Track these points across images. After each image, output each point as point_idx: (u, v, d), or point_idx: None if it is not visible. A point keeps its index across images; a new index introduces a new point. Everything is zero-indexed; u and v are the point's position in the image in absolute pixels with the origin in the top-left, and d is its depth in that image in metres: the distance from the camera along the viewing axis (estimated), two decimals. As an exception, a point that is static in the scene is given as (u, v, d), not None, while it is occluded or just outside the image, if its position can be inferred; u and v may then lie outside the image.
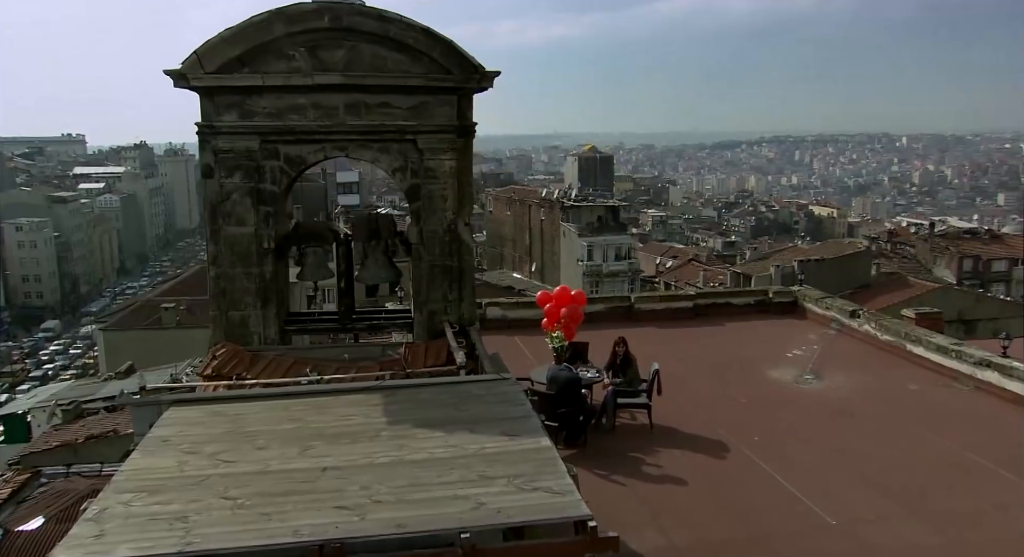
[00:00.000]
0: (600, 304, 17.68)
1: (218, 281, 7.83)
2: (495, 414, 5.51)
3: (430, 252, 8.02)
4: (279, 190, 7.82)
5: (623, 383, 11.41)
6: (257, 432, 5.30)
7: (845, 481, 9.60)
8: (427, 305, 8.11)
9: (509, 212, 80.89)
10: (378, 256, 8.11)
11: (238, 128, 7.53)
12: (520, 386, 5.89)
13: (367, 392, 6.05)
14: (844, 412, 11.96)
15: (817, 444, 10.77)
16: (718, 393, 12.89)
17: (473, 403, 5.76)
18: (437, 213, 7.96)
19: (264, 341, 7.97)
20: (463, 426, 5.26)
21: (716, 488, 9.54)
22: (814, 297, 17.51)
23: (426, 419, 5.45)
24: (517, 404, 5.58)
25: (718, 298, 18.31)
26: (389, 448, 4.97)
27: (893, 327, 14.93)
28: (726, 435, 11.03)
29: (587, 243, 67.14)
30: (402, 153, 7.90)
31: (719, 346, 15.71)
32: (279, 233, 8.03)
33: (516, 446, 4.93)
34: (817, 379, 13.48)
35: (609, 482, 9.74)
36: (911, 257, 66.74)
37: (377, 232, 8.11)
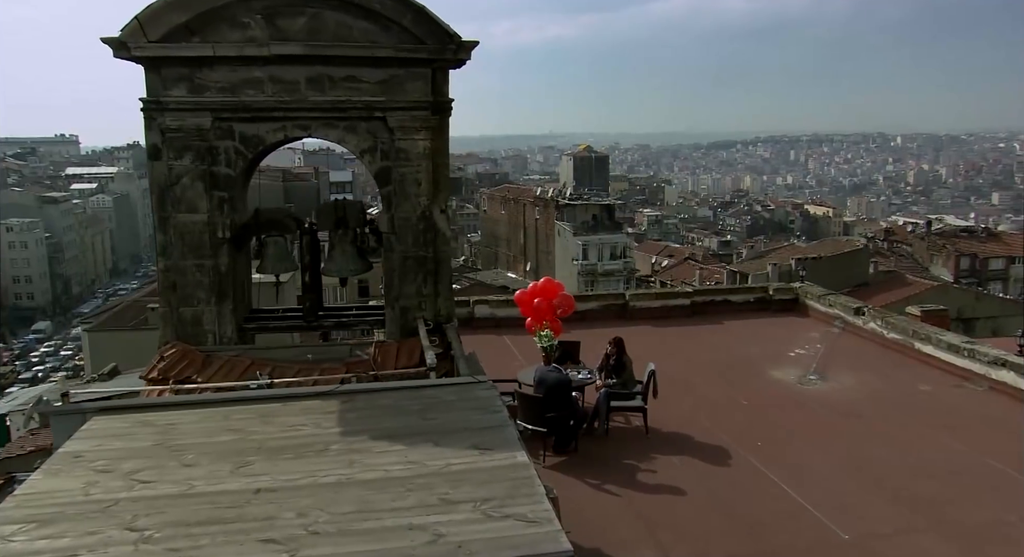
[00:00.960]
0: (593, 302, 16.96)
1: (167, 274, 7.08)
2: (466, 423, 4.76)
3: (402, 242, 7.28)
4: (235, 173, 7.07)
5: (617, 385, 10.68)
6: (188, 445, 4.55)
7: (856, 490, 8.87)
8: (399, 300, 7.37)
9: (504, 211, 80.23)
10: (345, 247, 7.37)
11: (187, 104, 6.78)
12: (496, 390, 5.12)
13: (322, 398, 5.30)
14: (852, 414, 11.24)
15: (825, 449, 10.04)
16: (718, 395, 12.16)
17: (441, 410, 5.02)
18: (410, 199, 7.22)
19: (220, 340, 7.23)
20: (427, 438, 4.51)
21: (718, 499, 8.80)
22: (816, 294, 16.79)
23: (385, 430, 4.71)
24: (492, 411, 4.83)
25: (716, 296, 17.58)
26: (338, 465, 4.22)
27: (900, 325, 14.21)
28: (727, 440, 10.30)
29: (582, 242, 66.51)
30: (371, 132, 7.16)
31: (718, 345, 14.98)
32: (236, 221, 7.29)
33: (487, 462, 4.18)
34: (822, 380, 12.75)
35: (601, 492, 9.00)
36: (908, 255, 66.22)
37: (344, 220, 7.37)
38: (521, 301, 12.21)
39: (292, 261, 7.50)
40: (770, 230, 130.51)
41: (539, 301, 12.02)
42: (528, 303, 12.05)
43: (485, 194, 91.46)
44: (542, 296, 12.24)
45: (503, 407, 4.91)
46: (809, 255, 48.76)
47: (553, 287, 12.14)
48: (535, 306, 11.97)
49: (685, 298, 17.16)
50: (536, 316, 11.82)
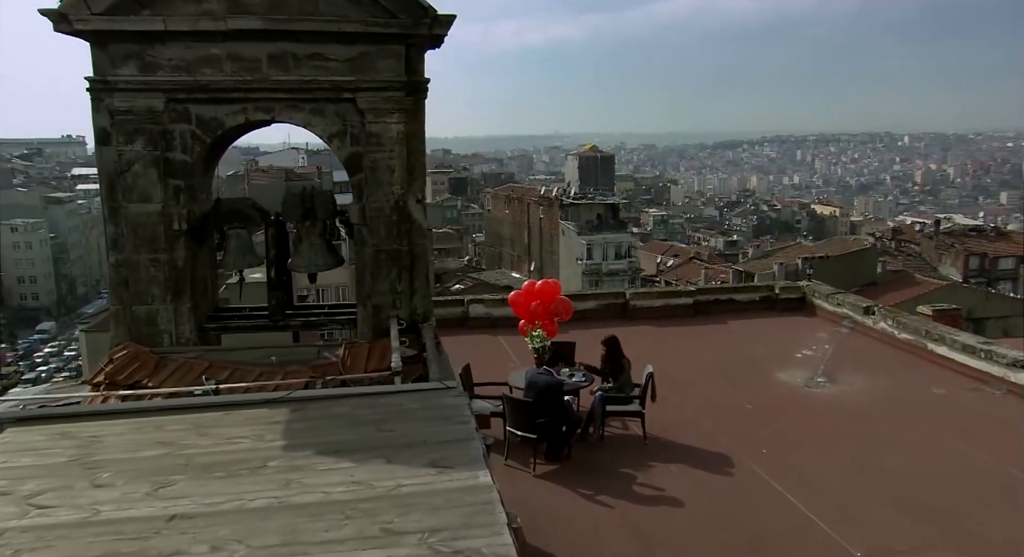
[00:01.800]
0: (592, 301, 16.36)
1: (119, 269, 6.51)
2: (426, 436, 4.18)
3: (375, 234, 6.69)
4: (192, 160, 6.50)
5: (613, 388, 10.08)
6: (106, 462, 3.98)
7: (869, 502, 8.25)
8: (372, 298, 6.79)
9: (508, 211, 79.63)
10: (313, 239, 6.80)
11: (138, 84, 6.21)
12: (465, 399, 4.54)
13: (271, 406, 4.72)
14: (862, 419, 10.62)
15: (834, 457, 9.43)
16: (721, 398, 11.55)
17: (401, 420, 4.44)
18: (383, 187, 6.64)
19: (177, 341, 6.66)
20: (379, 453, 3.94)
21: (719, 510, 8.20)
22: (824, 293, 16.15)
23: (334, 443, 4.13)
24: (457, 422, 4.25)
25: (720, 295, 16.96)
26: (272, 485, 3.64)
27: (912, 324, 13.58)
28: (730, 447, 9.70)
29: (586, 241, 65.88)
30: (340, 115, 6.58)
31: (721, 346, 14.37)
32: (195, 212, 6.72)
33: (444, 483, 3.60)
34: (830, 382, 12.13)
35: (595, 504, 8.41)
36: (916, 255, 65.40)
37: (312, 211, 6.79)
38: (515, 303, 11.64)
39: (256, 255, 6.94)
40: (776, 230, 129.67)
41: (536, 305, 11.47)
42: (524, 306, 11.48)
43: (489, 193, 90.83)
44: (540, 299, 11.69)
45: (471, 417, 4.32)
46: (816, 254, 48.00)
47: (552, 290, 11.58)
48: (531, 310, 11.40)
49: (688, 297, 16.55)
50: (531, 319, 11.26)
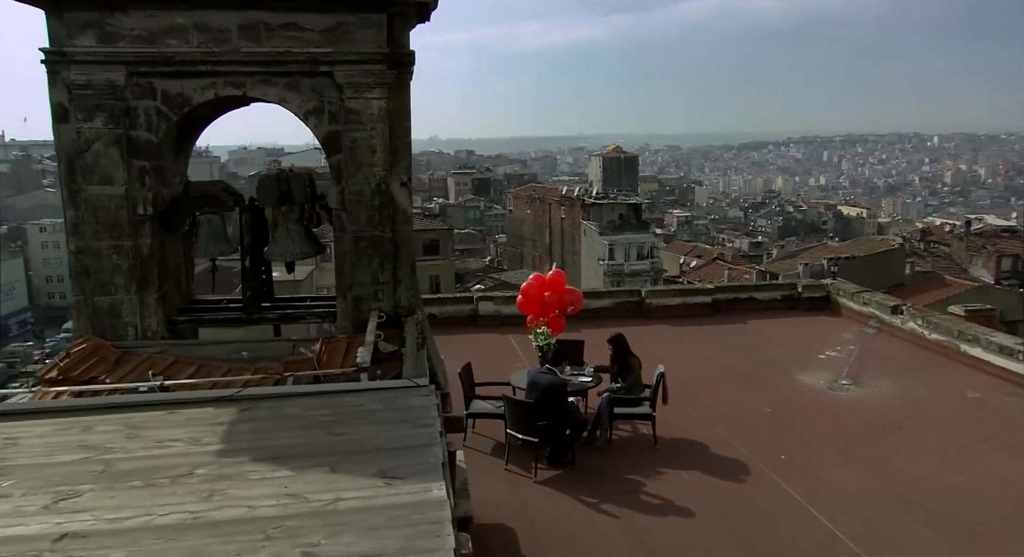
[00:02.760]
0: (607, 299, 15.76)
1: (80, 257, 6.04)
2: (381, 441, 3.64)
3: (354, 220, 6.16)
4: (158, 139, 6.01)
5: (621, 389, 9.49)
6: (14, 468, 3.47)
7: (898, 516, 7.60)
8: (352, 289, 6.26)
9: (529, 211, 79.00)
10: (290, 226, 6.28)
11: (97, 55, 5.73)
12: (435, 399, 3.99)
13: (218, 405, 4.20)
14: (890, 425, 9.94)
15: (859, 465, 8.77)
16: (738, 401, 10.91)
17: (357, 423, 3.90)
18: (363, 169, 6.11)
19: (143, 334, 6.18)
20: (324, 460, 3.40)
21: (732, 522, 7.59)
22: (849, 291, 15.42)
23: (276, 448, 3.60)
24: (420, 425, 3.70)
25: (740, 293, 16.26)
26: (191, 497, 3.11)
27: (944, 324, 12.84)
28: (746, 453, 9.07)
29: (608, 242, 65.07)
30: (316, 90, 6.07)
31: (741, 347, 13.70)
32: (164, 197, 6.24)
33: (389, 497, 3.05)
34: (856, 385, 11.44)
35: (598, 513, 7.82)
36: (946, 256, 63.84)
37: (288, 195, 6.28)
38: (527, 294, 11.11)
39: (229, 242, 6.44)
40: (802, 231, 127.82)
41: (550, 295, 10.96)
42: (536, 297, 10.97)
43: (511, 194, 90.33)
44: (553, 290, 11.19)
45: (436, 420, 3.77)
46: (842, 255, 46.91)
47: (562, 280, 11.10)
48: (545, 300, 10.88)
49: (706, 296, 15.88)
50: (544, 311, 10.74)
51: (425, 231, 62.93)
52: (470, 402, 9.54)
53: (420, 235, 62.18)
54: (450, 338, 14.05)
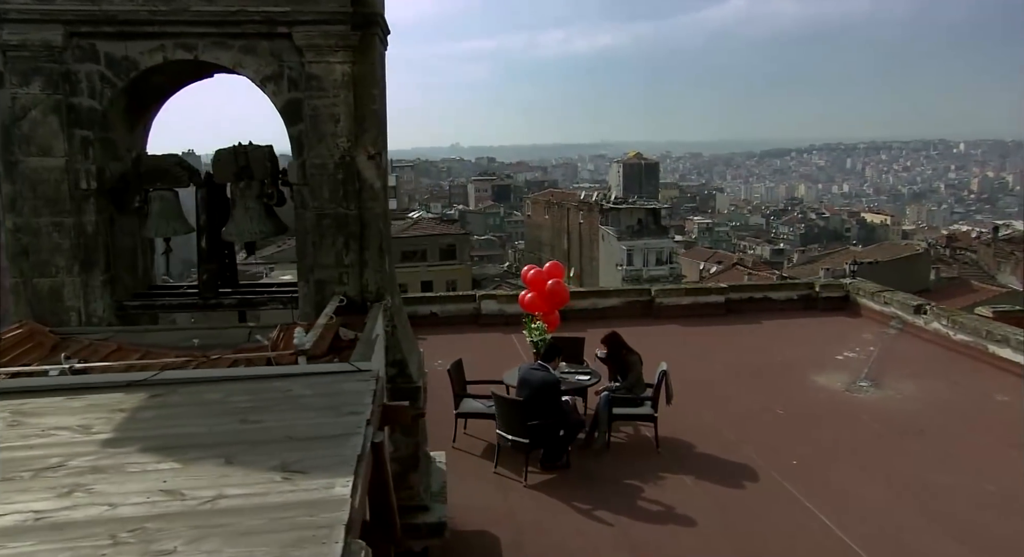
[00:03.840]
0: (615, 298, 15.14)
1: (17, 235, 5.55)
2: (298, 429, 3.08)
3: (316, 196, 5.64)
4: (102, 107, 5.52)
5: (621, 388, 8.87)
6: None
7: (920, 528, 6.93)
8: (314, 272, 5.73)
9: (547, 216, 78.43)
10: (249, 203, 5.77)
11: (32, 13, 5.25)
12: (372, 385, 3.43)
13: (130, 390, 3.67)
14: (912, 429, 9.25)
15: (877, 472, 8.10)
16: (749, 403, 10.26)
17: (278, 409, 3.36)
18: (325, 140, 5.58)
19: (88, 320, 5.69)
20: (223, 451, 2.86)
21: (738, 532, 6.95)
22: (869, 291, 14.69)
23: (174, 437, 3.06)
24: (346, 413, 3.14)
25: (755, 293, 15.57)
26: (49, 494, 2.59)
27: (970, 324, 12.09)
28: (756, 457, 8.42)
29: (627, 247, 64.34)
30: (275, 54, 5.56)
31: (754, 347, 13.03)
32: (112, 171, 5.75)
33: (282, 495, 2.50)
34: (875, 387, 10.75)
35: (591, 520, 7.21)
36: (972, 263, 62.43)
37: (247, 170, 5.76)
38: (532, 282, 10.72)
39: (184, 221, 5.94)
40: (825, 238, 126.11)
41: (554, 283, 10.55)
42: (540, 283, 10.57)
43: (529, 199, 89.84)
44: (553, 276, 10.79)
45: (367, 407, 3.21)
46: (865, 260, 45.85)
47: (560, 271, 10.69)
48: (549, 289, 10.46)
49: (719, 295, 15.21)
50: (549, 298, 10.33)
51: (442, 236, 62.55)
52: (460, 401, 8.97)
53: (437, 240, 61.92)
54: (452, 337, 13.55)
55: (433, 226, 65.19)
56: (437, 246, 61.68)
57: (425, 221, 68.20)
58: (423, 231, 62.29)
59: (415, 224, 65.33)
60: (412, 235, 61.67)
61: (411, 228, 63.24)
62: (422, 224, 65.69)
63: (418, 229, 62.95)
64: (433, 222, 68.48)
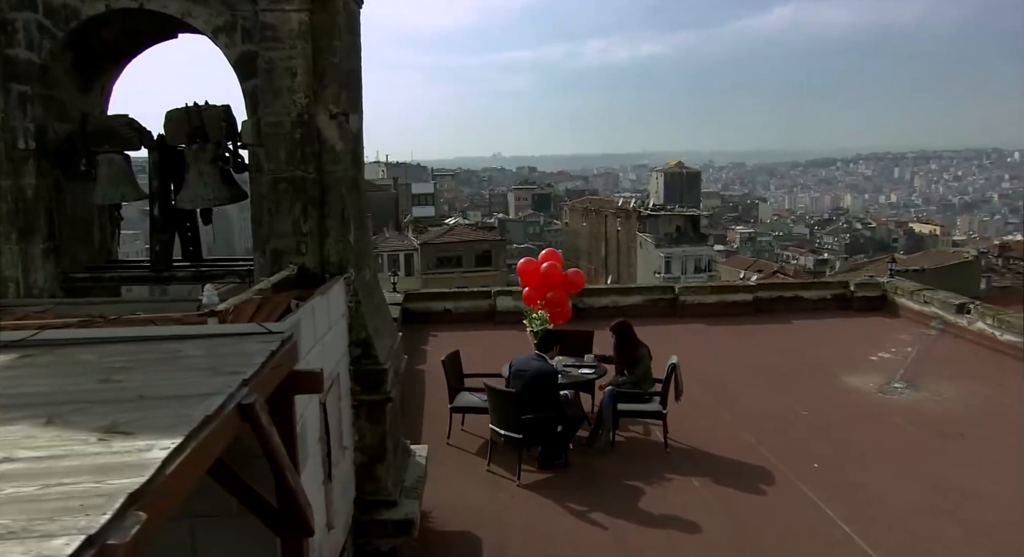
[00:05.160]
0: (636, 296, 14.45)
1: (-50, 198, 5.17)
2: (158, 389, 2.59)
3: (272, 158, 5.15)
4: (41, 60, 5.12)
5: (627, 383, 8.22)
6: None
7: (953, 538, 6.18)
8: (270, 241, 5.24)
9: (585, 223, 77.64)
10: (203, 167, 5.30)
11: (-36, -44, 4.90)
12: (271, 346, 2.88)
13: (6, 350, 3.18)
14: (950, 433, 8.45)
15: (909, 477, 7.34)
16: (771, 403, 9.53)
17: (154, 369, 2.87)
18: (281, 95, 5.10)
19: (27, 291, 5.27)
20: (55, 410, 2.37)
21: (748, 540, 6.26)
22: (908, 290, 13.80)
23: (14, 397, 2.55)
24: (225, 373, 2.63)
25: (785, 291, 14.76)
26: None
27: (1018, 324, 11.17)
28: (774, 460, 7.71)
29: (664, 254, 63.31)
30: (227, 3, 5.08)
31: (781, 347, 12.26)
32: (57, 132, 5.33)
33: (83, 458, 2.00)
34: (911, 388, 9.94)
35: (585, 523, 6.58)
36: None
37: (201, 131, 5.31)
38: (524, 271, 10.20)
39: (134, 186, 5.49)
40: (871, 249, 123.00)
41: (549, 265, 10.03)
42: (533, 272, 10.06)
43: (567, 206, 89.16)
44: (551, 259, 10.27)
45: (248, 367, 2.67)
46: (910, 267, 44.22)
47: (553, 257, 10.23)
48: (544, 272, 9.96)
49: (747, 293, 14.44)
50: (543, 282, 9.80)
51: (478, 242, 62.29)
52: (456, 395, 8.41)
53: (473, 246, 61.66)
54: (467, 334, 13.00)
55: (469, 232, 65.05)
56: (473, 252, 61.38)
57: (461, 227, 68.10)
58: (459, 237, 62.16)
59: (451, 230, 65.25)
60: (448, 241, 61.57)
61: (447, 234, 63.16)
62: (458, 230, 65.60)
63: (454, 235, 62.85)
64: (469, 229, 68.36)
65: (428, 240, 61.00)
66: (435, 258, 60.71)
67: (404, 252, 61.18)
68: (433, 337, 12.98)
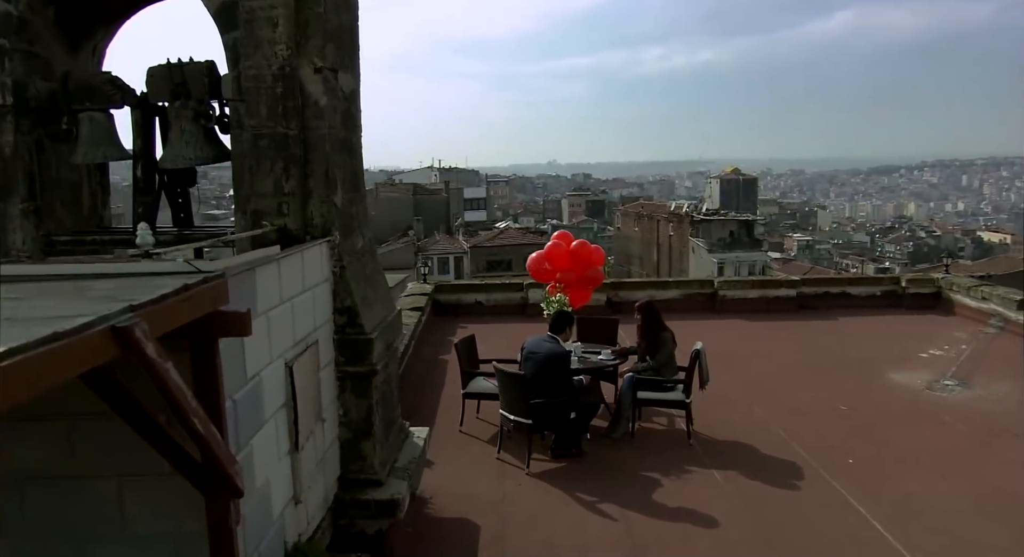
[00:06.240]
0: (674, 290, 13.94)
1: (-74, 154, 5.02)
2: (35, 313, 2.28)
3: (253, 113, 4.87)
4: (18, 12, 4.95)
5: (648, 369, 7.76)
6: None
7: (1002, 546, 5.59)
8: (251, 202, 4.97)
9: (637, 228, 76.68)
10: (185, 125, 5.06)
11: None
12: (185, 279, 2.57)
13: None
14: (1005, 433, 7.77)
15: (956, 477, 6.72)
16: (808, 398, 8.96)
17: (39, 299, 2.56)
18: (262, 47, 4.83)
19: (6, 252, 5.08)
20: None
21: (766, 537, 5.75)
22: (964, 286, 13.01)
23: None
24: (119, 301, 2.30)
25: (831, 287, 14.07)
26: None
27: (1084, 321, 10.38)
28: (806, 456, 7.17)
29: (717, 260, 62.08)
30: (207, -53, 4.87)
31: (825, 344, 11.62)
32: (40, 90, 5.15)
33: None
34: (963, 386, 9.26)
35: (593, 514, 6.14)
36: (1103, 282, 57.24)
37: (184, 87, 5.08)
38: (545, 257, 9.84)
39: (117, 146, 5.28)
40: (935, 257, 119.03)
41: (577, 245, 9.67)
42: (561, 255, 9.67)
43: (619, 211, 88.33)
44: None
45: (138, 299, 2.36)
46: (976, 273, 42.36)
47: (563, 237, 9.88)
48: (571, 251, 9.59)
49: (790, 288, 13.79)
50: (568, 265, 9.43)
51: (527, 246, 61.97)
52: (470, 380, 8.06)
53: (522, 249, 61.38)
54: (496, 327, 12.63)
55: (519, 236, 64.85)
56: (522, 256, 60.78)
57: (512, 231, 67.95)
58: (508, 241, 62.01)
59: (501, 234, 65.18)
60: (497, 244, 61.50)
61: (497, 237, 63.10)
62: (508, 234, 65.46)
63: (504, 239, 62.74)
64: (519, 233, 68.14)
65: (478, 243, 60.98)
66: (484, 261, 60.62)
67: (454, 255, 61.30)
68: (462, 329, 12.63)
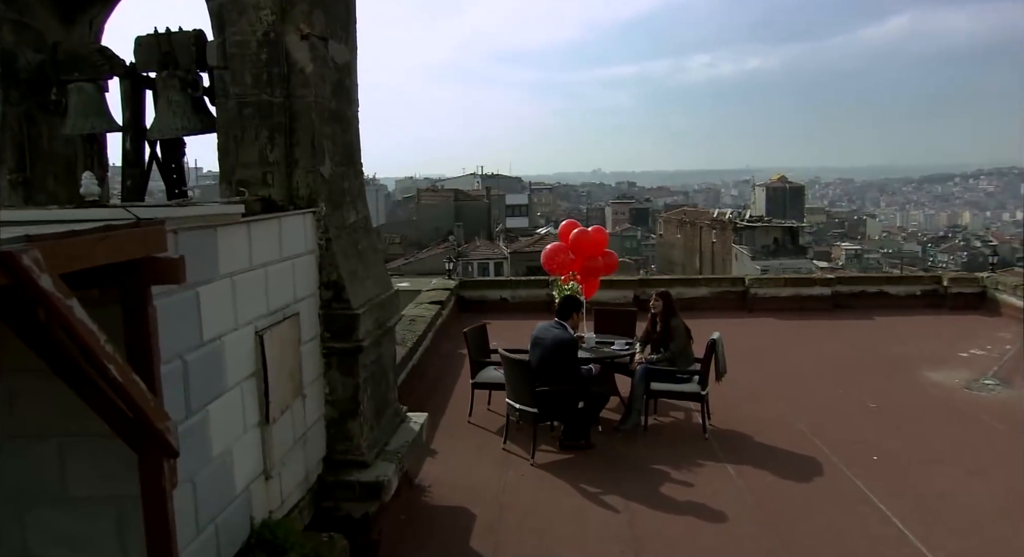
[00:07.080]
0: (703, 287, 13.58)
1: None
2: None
3: (238, 81, 4.74)
4: (7, -25, 4.91)
5: (662, 360, 7.46)
6: None
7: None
8: (236, 172, 4.83)
9: (679, 235, 75.82)
10: (172, 95, 4.96)
11: None
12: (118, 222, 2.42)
13: None
14: (1044, 432, 7.32)
15: (989, 478, 6.30)
16: (835, 395, 8.57)
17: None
18: (247, 13, 4.70)
19: None
20: None
21: (777, 533, 5.42)
22: (1010, 285, 12.42)
23: None
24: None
25: (868, 285, 13.56)
26: None
27: None
28: (828, 453, 6.81)
29: (761, 266, 60.90)
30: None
31: (860, 343, 11.15)
32: (29, 60, 5.10)
33: None
34: (1004, 385, 8.78)
35: (597, 507, 5.87)
36: None
37: (171, 57, 4.97)
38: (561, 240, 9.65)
39: (107, 117, 5.20)
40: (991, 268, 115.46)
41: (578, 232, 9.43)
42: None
43: (661, 217, 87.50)
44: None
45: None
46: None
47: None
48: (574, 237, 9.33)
49: (824, 286, 13.33)
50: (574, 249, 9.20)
51: (567, 252, 61.72)
52: (479, 369, 7.85)
53: (561, 257, 61.18)
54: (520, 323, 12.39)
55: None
56: (561, 263, 60.75)
57: (551, 237, 67.70)
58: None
59: (542, 239, 64.96)
60: (538, 250, 61.24)
61: (537, 243, 62.90)
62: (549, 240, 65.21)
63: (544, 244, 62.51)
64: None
65: (518, 249, 60.82)
66: (524, 267, 60.36)
67: (494, 260, 61.27)
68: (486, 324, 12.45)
